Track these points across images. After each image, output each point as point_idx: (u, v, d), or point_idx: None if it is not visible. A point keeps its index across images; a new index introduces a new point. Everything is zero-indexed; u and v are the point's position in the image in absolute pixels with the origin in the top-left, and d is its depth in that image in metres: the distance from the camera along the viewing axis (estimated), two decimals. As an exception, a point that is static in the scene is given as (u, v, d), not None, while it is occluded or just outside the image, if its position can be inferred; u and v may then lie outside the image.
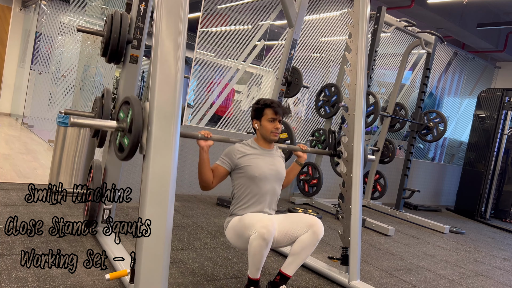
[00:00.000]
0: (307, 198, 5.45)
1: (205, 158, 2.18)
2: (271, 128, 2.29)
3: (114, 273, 1.94)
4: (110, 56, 2.62)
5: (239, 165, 2.26)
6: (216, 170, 2.27)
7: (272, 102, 2.30)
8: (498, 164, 7.01)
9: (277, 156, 2.41)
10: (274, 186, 2.32)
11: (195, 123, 4.89)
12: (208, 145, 2.19)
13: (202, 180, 2.22)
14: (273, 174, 2.30)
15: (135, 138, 1.74)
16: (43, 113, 7.16)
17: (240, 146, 2.32)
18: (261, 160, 2.29)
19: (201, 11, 4.59)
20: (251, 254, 2.06)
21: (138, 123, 1.73)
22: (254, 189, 2.26)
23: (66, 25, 7.11)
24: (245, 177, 2.26)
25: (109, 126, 1.87)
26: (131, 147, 1.76)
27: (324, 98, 5.31)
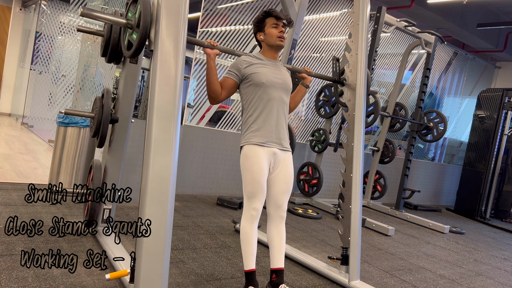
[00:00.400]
0: (307, 198, 5.45)
1: (212, 66, 2.19)
2: (276, 33, 2.29)
3: (114, 273, 1.94)
4: (110, 56, 2.61)
5: (246, 74, 2.26)
6: (225, 82, 2.27)
7: (271, 9, 2.33)
8: (498, 164, 7.01)
9: (283, 69, 2.41)
10: (281, 95, 2.31)
11: (195, 123, 4.89)
12: (215, 53, 2.21)
13: (210, 90, 2.22)
14: (280, 82, 2.30)
15: (143, 31, 1.78)
16: (43, 113, 7.17)
17: (246, 57, 2.33)
18: (267, 69, 2.29)
19: (201, 11, 4.59)
20: (242, 240, 2.22)
21: (146, 17, 1.77)
22: (261, 95, 2.25)
23: (66, 25, 7.12)
24: (252, 85, 2.26)
25: (118, 21, 1.92)
26: (139, 40, 1.80)
27: (324, 98, 5.31)
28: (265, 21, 2.32)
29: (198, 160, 4.74)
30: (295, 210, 4.71)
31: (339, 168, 5.76)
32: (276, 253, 2.28)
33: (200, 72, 4.88)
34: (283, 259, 2.29)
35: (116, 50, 2.58)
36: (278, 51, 2.37)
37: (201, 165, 4.77)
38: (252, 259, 2.21)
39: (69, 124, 3.75)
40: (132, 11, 1.92)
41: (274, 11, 2.32)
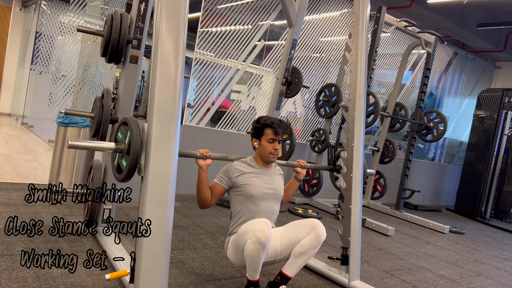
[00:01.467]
0: (307, 198, 5.45)
1: (204, 177, 2.16)
2: (270, 149, 2.27)
3: (114, 273, 1.94)
4: (110, 56, 2.61)
5: (236, 184, 2.25)
6: (214, 189, 2.25)
7: (272, 122, 2.27)
8: (498, 164, 7.01)
9: (275, 175, 2.38)
10: (271, 205, 2.31)
11: (195, 123, 4.89)
12: (207, 164, 2.16)
13: (200, 198, 2.19)
14: (270, 193, 2.29)
15: (133, 160, 1.71)
16: (43, 113, 7.16)
17: (238, 164, 2.30)
18: (258, 179, 2.27)
19: (201, 11, 4.59)
20: (248, 257, 2.05)
21: (136, 145, 1.71)
22: (251, 208, 2.24)
23: (66, 25, 7.11)
24: (242, 195, 2.25)
25: (107, 148, 1.84)
26: (129, 169, 1.74)
27: (324, 98, 5.31)
28: (264, 131, 2.27)
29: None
30: (295, 210, 4.71)
31: (339, 168, 5.76)
32: (293, 262, 2.22)
33: (200, 72, 4.88)
34: (297, 271, 2.24)
35: (116, 50, 2.58)
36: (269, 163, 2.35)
37: (201, 165, 4.77)
38: (258, 272, 2.13)
39: (69, 124, 3.75)
40: (122, 133, 1.84)
41: (274, 124, 2.26)
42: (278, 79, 4.30)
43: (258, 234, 1.99)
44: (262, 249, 2.00)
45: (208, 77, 4.95)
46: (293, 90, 4.40)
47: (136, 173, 1.78)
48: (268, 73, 5.64)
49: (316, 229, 2.20)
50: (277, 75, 4.34)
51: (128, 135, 1.76)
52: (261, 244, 1.98)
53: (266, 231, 2.00)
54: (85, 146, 1.77)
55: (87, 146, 1.78)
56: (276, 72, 4.89)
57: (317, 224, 2.22)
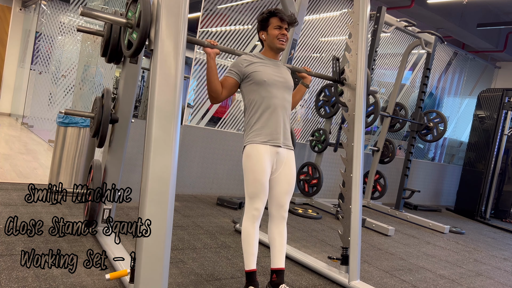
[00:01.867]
0: (307, 198, 5.45)
1: (212, 65, 2.19)
2: (277, 34, 2.28)
3: (114, 273, 1.94)
4: (110, 56, 2.61)
5: (247, 73, 2.26)
6: (225, 81, 2.26)
7: (276, 10, 2.31)
8: (498, 164, 7.01)
9: (284, 68, 2.40)
10: (283, 93, 2.31)
11: (195, 123, 4.89)
12: (215, 52, 2.20)
13: (211, 89, 2.21)
14: (281, 81, 2.30)
15: (143, 31, 1.78)
16: (43, 113, 7.16)
17: (247, 56, 2.32)
18: (268, 68, 2.29)
19: (201, 11, 4.59)
20: (244, 236, 2.22)
21: (146, 17, 1.77)
22: (264, 94, 2.24)
23: (66, 25, 7.12)
24: (254, 83, 2.25)
25: (118, 21, 1.92)
26: (139, 40, 1.80)
27: (324, 98, 5.31)
28: (269, 20, 2.30)
29: (198, 160, 4.74)
30: (295, 210, 4.71)
31: (339, 168, 5.76)
32: (277, 253, 2.27)
33: (200, 72, 4.88)
34: (284, 259, 2.29)
35: (116, 50, 2.58)
36: (278, 52, 2.36)
37: (201, 165, 4.77)
38: (253, 259, 2.21)
39: (69, 124, 3.75)
40: (132, 11, 1.92)
41: (279, 12, 2.30)
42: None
43: (254, 213, 2.20)
44: (256, 225, 2.21)
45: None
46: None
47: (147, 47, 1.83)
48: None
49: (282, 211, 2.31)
50: (277, 75, 4.33)
51: (138, 8, 1.83)
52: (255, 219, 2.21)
53: (261, 209, 2.21)
54: (97, 15, 1.89)
55: (99, 16, 1.90)
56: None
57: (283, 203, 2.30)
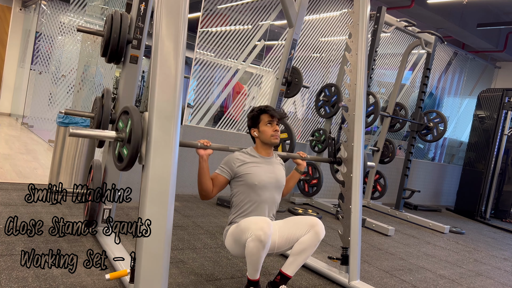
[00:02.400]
0: (307, 198, 5.45)
1: (204, 167, 2.17)
2: (270, 132, 2.28)
3: (114, 273, 1.94)
4: (110, 56, 2.61)
5: (238, 174, 2.25)
6: (216, 179, 2.26)
7: (266, 107, 2.31)
8: (498, 164, 7.01)
9: (277, 164, 2.39)
10: (273, 195, 2.31)
11: (195, 123, 4.89)
12: (207, 154, 2.18)
13: (202, 189, 2.20)
14: (272, 182, 2.29)
15: (134, 148, 1.73)
16: (43, 113, 7.16)
17: (239, 154, 2.31)
18: (260, 168, 2.27)
19: (201, 11, 4.59)
20: (248, 256, 2.05)
21: (137, 133, 1.72)
22: (253, 197, 2.25)
23: (66, 25, 7.12)
24: (244, 185, 2.25)
25: (108, 137, 1.86)
26: (130, 157, 1.75)
27: (324, 98, 5.31)
28: (260, 117, 2.30)
29: (198, 160, 4.73)
30: (295, 210, 4.71)
31: (339, 168, 5.75)
32: (293, 261, 2.22)
33: (200, 72, 4.88)
34: (296, 269, 2.24)
35: (116, 50, 2.58)
36: (272, 147, 2.36)
37: (201, 165, 4.77)
38: (258, 271, 2.13)
39: (69, 124, 3.75)
40: (123, 122, 1.84)
41: (269, 109, 2.30)
42: (278, 79, 4.30)
43: (259, 233, 1.98)
44: (262, 248, 2.00)
45: (208, 77, 4.95)
46: (293, 90, 4.40)
47: (137, 162, 1.79)
48: (268, 73, 5.64)
49: (316, 227, 2.20)
50: (277, 75, 4.34)
51: (129, 124, 1.77)
52: (262, 242, 1.98)
53: (267, 229, 2.00)
54: (85, 135, 1.80)
55: (87, 135, 1.81)
56: (276, 72, 4.89)
57: (316, 222, 2.22)
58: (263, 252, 2.03)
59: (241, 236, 2.10)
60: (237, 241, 2.15)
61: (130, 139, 1.74)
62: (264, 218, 2.08)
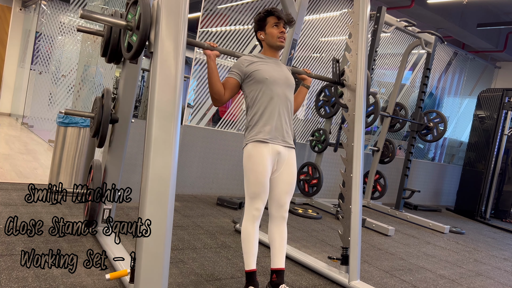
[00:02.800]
0: (307, 198, 5.45)
1: (213, 66, 2.20)
2: (276, 33, 2.28)
3: (114, 273, 1.94)
4: (110, 56, 2.61)
5: (248, 72, 2.26)
6: (227, 83, 2.27)
7: (272, 9, 2.31)
8: (498, 164, 7.01)
9: (284, 66, 2.41)
10: (284, 91, 2.30)
11: (195, 123, 4.89)
12: (214, 54, 2.22)
13: (213, 91, 2.22)
14: (282, 78, 2.30)
15: (143, 33, 1.78)
16: (43, 113, 7.16)
17: (247, 56, 2.33)
18: (269, 66, 2.29)
19: (201, 11, 4.59)
20: (243, 239, 2.22)
21: (146, 19, 1.78)
22: (266, 91, 2.24)
23: (66, 25, 7.12)
24: (255, 82, 2.25)
25: (118, 23, 1.92)
26: (139, 42, 1.81)
27: (324, 98, 5.31)
28: (266, 20, 2.30)
29: (198, 160, 4.74)
30: (295, 210, 4.71)
31: (339, 168, 5.76)
32: (277, 253, 2.27)
33: (200, 72, 4.88)
34: (284, 259, 2.29)
35: (116, 50, 2.58)
36: (278, 50, 2.36)
37: (201, 165, 4.77)
38: (253, 259, 2.21)
39: (69, 124, 3.75)
40: (132, 13, 1.92)
41: (276, 10, 2.30)
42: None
43: (254, 213, 2.20)
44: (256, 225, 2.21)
45: (208, 77, 4.94)
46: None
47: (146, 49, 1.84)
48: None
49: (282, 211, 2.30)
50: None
51: (138, 10, 1.82)
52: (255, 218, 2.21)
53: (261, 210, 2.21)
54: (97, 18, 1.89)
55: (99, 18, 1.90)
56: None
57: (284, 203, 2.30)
58: (257, 228, 2.23)
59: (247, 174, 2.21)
60: (245, 173, 2.23)
61: (139, 25, 1.81)
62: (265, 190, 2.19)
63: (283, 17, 2.30)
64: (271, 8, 2.32)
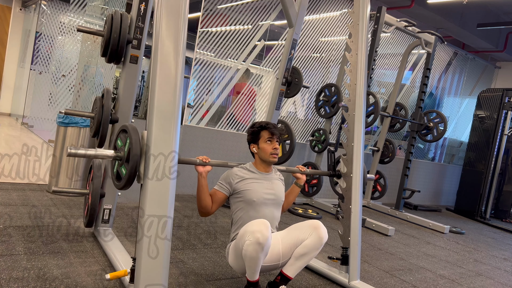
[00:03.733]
0: (307, 198, 5.45)
1: (203, 184, 2.16)
2: (270, 150, 2.28)
3: (114, 273, 1.94)
4: (110, 56, 2.61)
5: (237, 190, 2.24)
6: (215, 196, 2.25)
7: (267, 124, 2.31)
8: (498, 164, 7.01)
9: (276, 180, 2.38)
10: (272, 211, 2.30)
11: (195, 123, 4.89)
12: (206, 170, 2.17)
13: (201, 206, 2.18)
14: (271, 198, 2.28)
15: (132, 168, 1.72)
16: (43, 113, 7.16)
17: (238, 170, 2.29)
18: (259, 185, 2.26)
19: (201, 11, 4.59)
20: (247, 258, 2.03)
21: (135, 153, 1.71)
22: (252, 214, 2.22)
23: (66, 25, 7.11)
24: (243, 201, 2.24)
25: (107, 156, 1.84)
26: (128, 177, 1.75)
27: (324, 98, 5.31)
28: (260, 133, 2.30)
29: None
30: (295, 210, 4.71)
31: (339, 168, 5.75)
32: (294, 261, 2.21)
33: (200, 72, 4.88)
34: (297, 271, 2.23)
35: (116, 50, 2.58)
36: (271, 165, 2.35)
37: (201, 165, 4.76)
38: (258, 271, 2.10)
39: (69, 124, 3.75)
40: (122, 141, 1.84)
41: (269, 126, 2.29)
42: (278, 79, 4.30)
43: (256, 235, 1.96)
44: (260, 250, 1.98)
45: (208, 77, 4.95)
46: (293, 90, 4.40)
47: (136, 180, 1.77)
48: (268, 73, 5.64)
49: (318, 230, 2.19)
50: (277, 75, 4.34)
51: (128, 143, 1.75)
52: (260, 244, 1.96)
53: (264, 231, 1.98)
54: (84, 154, 1.78)
55: (86, 154, 1.78)
56: (276, 72, 4.89)
57: (318, 225, 2.21)
58: (261, 254, 2.00)
59: (239, 243, 2.07)
60: (237, 252, 2.11)
61: (128, 158, 1.73)
62: (261, 220, 2.06)
63: (276, 133, 2.28)
64: (265, 123, 2.30)
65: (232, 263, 2.22)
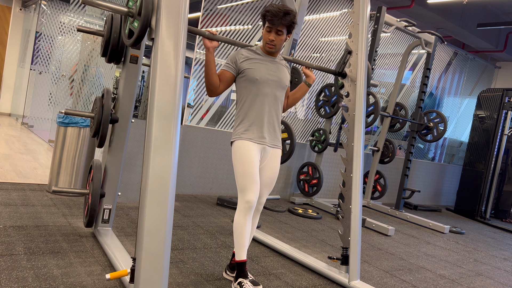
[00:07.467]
0: (307, 198, 5.45)
1: (211, 59, 2.21)
2: (266, 39, 2.29)
3: (114, 273, 1.94)
4: (110, 56, 2.61)
5: (241, 69, 2.29)
6: (222, 75, 2.30)
7: (268, 11, 2.22)
8: (498, 164, 7.01)
9: (281, 65, 2.40)
10: (274, 91, 2.32)
11: (195, 123, 4.89)
12: (213, 46, 2.21)
13: (209, 83, 2.24)
14: (274, 80, 2.31)
15: (145, 19, 1.79)
16: (43, 113, 7.16)
17: (245, 51, 2.33)
18: (263, 66, 2.30)
19: (201, 11, 4.59)
20: (236, 228, 2.25)
21: (147, 5, 1.78)
22: (254, 91, 2.28)
23: (66, 25, 7.11)
24: (246, 80, 2.28)
25: (119, 10, 1.91)
26: (140, 28, 1.81)
27: (324, 98, 5.31)
28: (264, 19, 2.30)
29: (198, 160, 4.74)
30: (295, 210, 4.71)
31: (339, 168, 5.77)
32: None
33: (200, 72, 4.88)
34: None
35: (116, 50, 2.58)
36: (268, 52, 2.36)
37: (201, 165, 4.77)
38: (244, 250, 2.27)
39: (69, 124, 3.75)
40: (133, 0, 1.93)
41: (269, 14, 2.22)
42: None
43: (244, 205, 2.21)
44: (247, 217, 2.23)
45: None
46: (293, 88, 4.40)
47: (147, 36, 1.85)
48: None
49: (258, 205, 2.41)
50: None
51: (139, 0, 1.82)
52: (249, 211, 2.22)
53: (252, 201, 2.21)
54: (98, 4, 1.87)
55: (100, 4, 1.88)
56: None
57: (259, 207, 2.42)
58: (248, 220, 2.24)
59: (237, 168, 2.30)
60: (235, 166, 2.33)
61: (140, 11, 1.81)
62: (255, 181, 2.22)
63: (275, 23, 2.22)
64: (269, 8, 2.24)
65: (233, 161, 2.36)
